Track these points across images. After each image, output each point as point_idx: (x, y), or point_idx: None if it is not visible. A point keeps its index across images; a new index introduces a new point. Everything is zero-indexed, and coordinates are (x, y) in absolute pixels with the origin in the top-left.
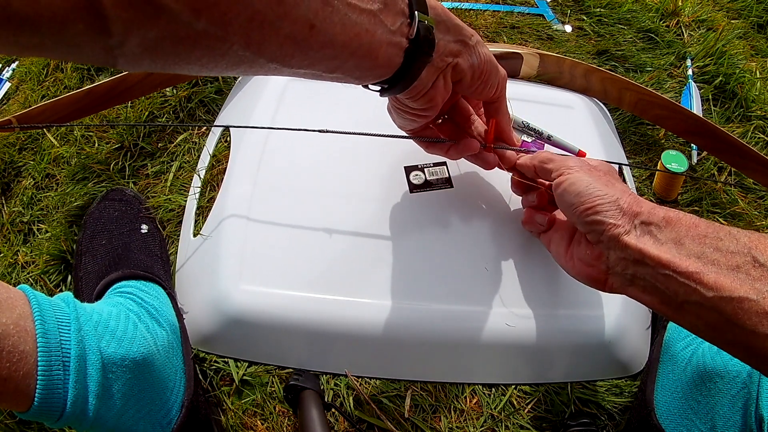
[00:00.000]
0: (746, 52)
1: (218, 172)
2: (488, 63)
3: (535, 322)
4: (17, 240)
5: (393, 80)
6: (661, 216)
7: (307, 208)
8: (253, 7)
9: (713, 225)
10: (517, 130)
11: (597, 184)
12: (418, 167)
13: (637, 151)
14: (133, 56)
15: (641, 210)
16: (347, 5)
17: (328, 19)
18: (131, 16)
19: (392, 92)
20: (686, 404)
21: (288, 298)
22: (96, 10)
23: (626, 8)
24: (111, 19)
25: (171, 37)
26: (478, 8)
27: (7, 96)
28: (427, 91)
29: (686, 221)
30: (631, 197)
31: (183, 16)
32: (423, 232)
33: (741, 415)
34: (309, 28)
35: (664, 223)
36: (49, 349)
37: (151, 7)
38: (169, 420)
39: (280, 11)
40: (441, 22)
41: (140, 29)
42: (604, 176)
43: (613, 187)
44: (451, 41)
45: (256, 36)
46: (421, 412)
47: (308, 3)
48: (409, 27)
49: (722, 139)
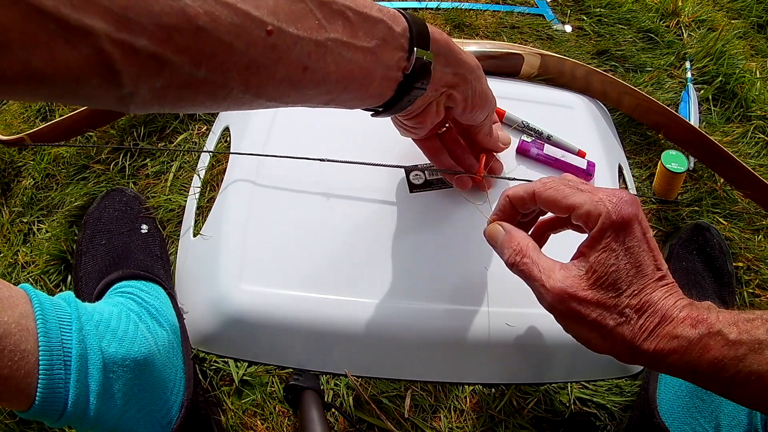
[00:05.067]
0: (746, 52)
1: (218, 172)
2: (482, 97)
3: (535, 322)
4: (17, 240)
5: (384, 107)
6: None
7: (307, 207)
8: (248, 56)
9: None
10: (516, 130)
11: None
12: (418, 167)
13: (637, 151)
14: (143, 103)
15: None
16: (341, 44)
17: (321, 60)
18: (139, 70)
19: (383, 116)
20: (690, 402)
21: (288, 298)
22: (109, 66)
23: (626, 8)
24: (122, 74)
25: (176, 85)
26: (478, 8)
27: None
28: (418, 114)
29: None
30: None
31: (185, 68)
32: (423, 232)
33: (746, 414)
34: (302, 70)
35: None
36: (50, 348)
37: (155, 61)
38: (169, 420)
39: (274, 57)
40: (441, 55)
41: (148, 80)
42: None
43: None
44: (449, 73)
45: (254, 80)
46: (421, 412)
47: (301, 47)
48: (407, 61)
49: (717, 153)
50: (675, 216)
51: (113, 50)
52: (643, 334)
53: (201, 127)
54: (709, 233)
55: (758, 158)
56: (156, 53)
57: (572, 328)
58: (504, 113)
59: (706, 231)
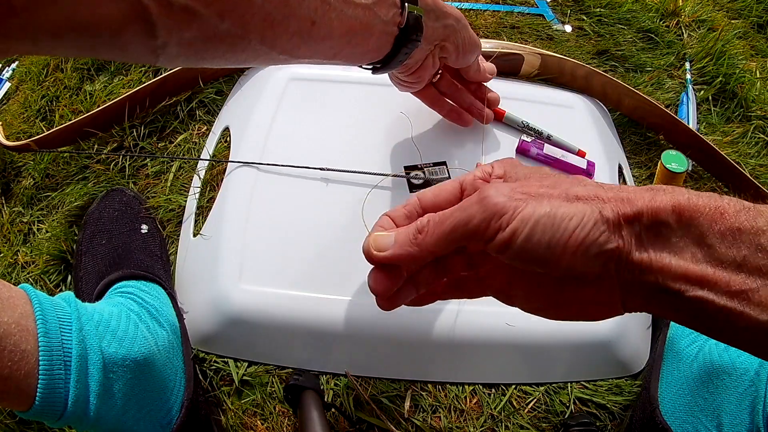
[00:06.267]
0: (746, 52)
1: (218, 172)
2: (471, 42)
3: (535, 321)
4: (17, 240)
5: (384, 62)
6: (668, 208)
7: (307, 207)
8: (265, 10)
9: (745, 209)
10: (517, 129)
11: (560, 209)
12: (418, 167)
13: (637, 151)
14: (171, 55)
15: (637, 209)
16: (343, 2)
17: (326, 15)
18: (173, 22)
19: (383, 71)
20: (692, 401)
21: (288, 298)
22: (146, 18)
23: (626, 8)
24: (157, 25)
25: (202, 37)
26: (478, 8)
27: (7, 96)
28: (417, 69)
29: (706, 208)
30: (611, 199)
31: (211, 20)
32: None
33: (748, 413)
34: (311, 24)
35: (674, 217)
36: (50, 348)
37: (187, 14)
38: (169, 420)
39: (287, 11)
40: (430, 11)
41: (179, 32)
42: (547, 186)
43: (574, 196)
44: (439, 27)
45: (269, 33)
46: (421, 412)
47: (308, 3)
48: (400, 17)
49: (716, 158)
50: None
51: (150, 3)
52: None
53: (201, 127)
54: None
55: (758, 158)
56: (188, 6)
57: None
58: (504, 113)
59: None
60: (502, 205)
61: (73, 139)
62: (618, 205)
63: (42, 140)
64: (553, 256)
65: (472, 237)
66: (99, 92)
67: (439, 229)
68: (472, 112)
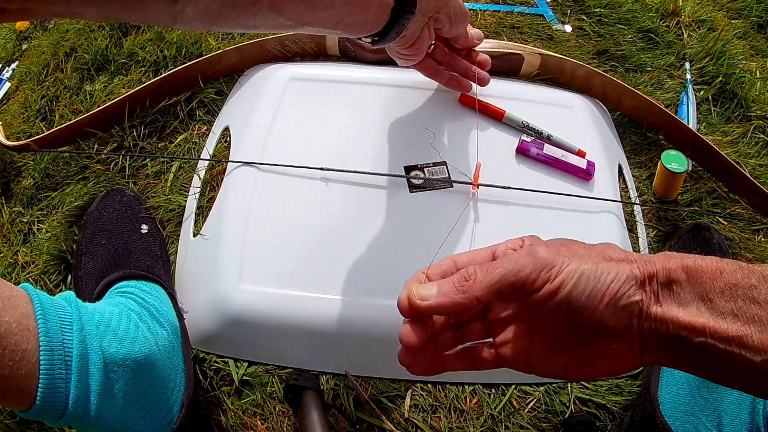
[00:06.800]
0: (746, 52)
1: (218, 172)
2: (462, 12)
3: None
4: (17, 240)
5: (382, 33)
6: (678, 268)
7: (306, 207)
8: None
9: (740, 268)
10: (517, 129)
11: (599, 265)
12: (418, 167)
13: (637, 151)
14: (188, 19)
15: (655, 269)
16: None
17: None
18: None
19: (382, 43)
20: (693, 401)
21: (288, 298)
22: None
23: (626, 8)
24: None
25: (218, 2)
26: (478, 8)
27: (7, 96)
28: (414, 42)
29: (708, 268)
30: (637, 260)
31: None
32: (422, 231)
33: (749, 413)
34: None
35: (684, 276)
36: (51, 348)
37: None
38: (170, 419)
39: None
40: None
41: None
42: (584, 249)
43: (608, 258)
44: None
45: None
46: (421, 412)
47: None
48: None
49: (716, 158)
50: (675, 216)
51: None
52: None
53: (201, 127)
54: (709, 233)
55: (758, 158)
56: None
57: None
58: (504, 113)
59: (706, 231)
60: (552, 259)
61: (73, 139)
62: (643, 265)
63: (42, 140)
64: (591, 306)
65: (520, 286)
66: (99, 92)
67: (488, 277)
68: (469, 77)
